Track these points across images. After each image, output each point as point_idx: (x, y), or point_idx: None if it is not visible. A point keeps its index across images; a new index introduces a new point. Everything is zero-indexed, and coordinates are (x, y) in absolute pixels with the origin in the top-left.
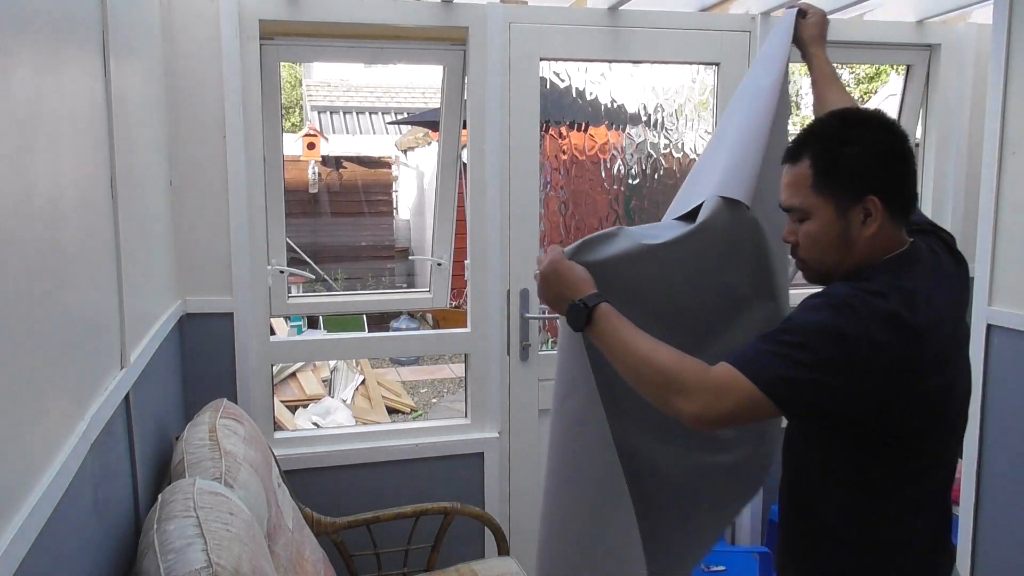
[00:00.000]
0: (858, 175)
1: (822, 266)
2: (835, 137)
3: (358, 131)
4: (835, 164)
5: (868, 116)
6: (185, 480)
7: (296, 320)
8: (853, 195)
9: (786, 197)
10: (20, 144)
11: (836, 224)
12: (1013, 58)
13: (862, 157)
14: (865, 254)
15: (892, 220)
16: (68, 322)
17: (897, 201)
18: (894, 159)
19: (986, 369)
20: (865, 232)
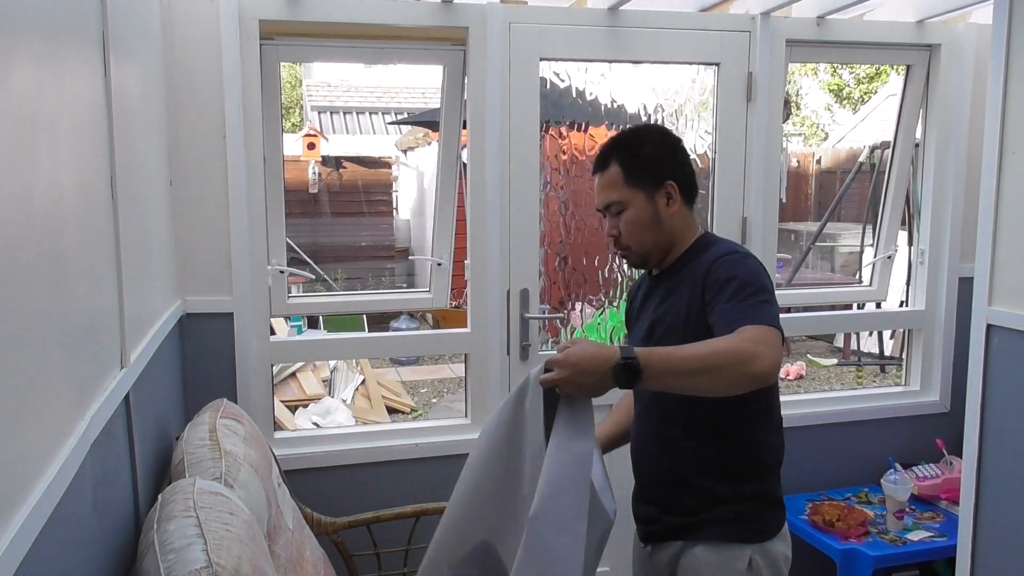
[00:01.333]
0: (657, 165)
1: (643, 247)
2: (633, 141)
3: (358, 131)
4: (638, 160)
5: (653, 126)
6: (185, 480)
7: (296, 320)
8: (655, 182)
9: (604, 197)
10: (20, 144)
11: (648, 207)
12: (1013, 58)
13: (657, 152)
14: (673, 234)
15: (686, 204)
16: (68, 322)
17: (688, 186)
18: (679, 153)
19: (986, 369)
20: (670, 211)
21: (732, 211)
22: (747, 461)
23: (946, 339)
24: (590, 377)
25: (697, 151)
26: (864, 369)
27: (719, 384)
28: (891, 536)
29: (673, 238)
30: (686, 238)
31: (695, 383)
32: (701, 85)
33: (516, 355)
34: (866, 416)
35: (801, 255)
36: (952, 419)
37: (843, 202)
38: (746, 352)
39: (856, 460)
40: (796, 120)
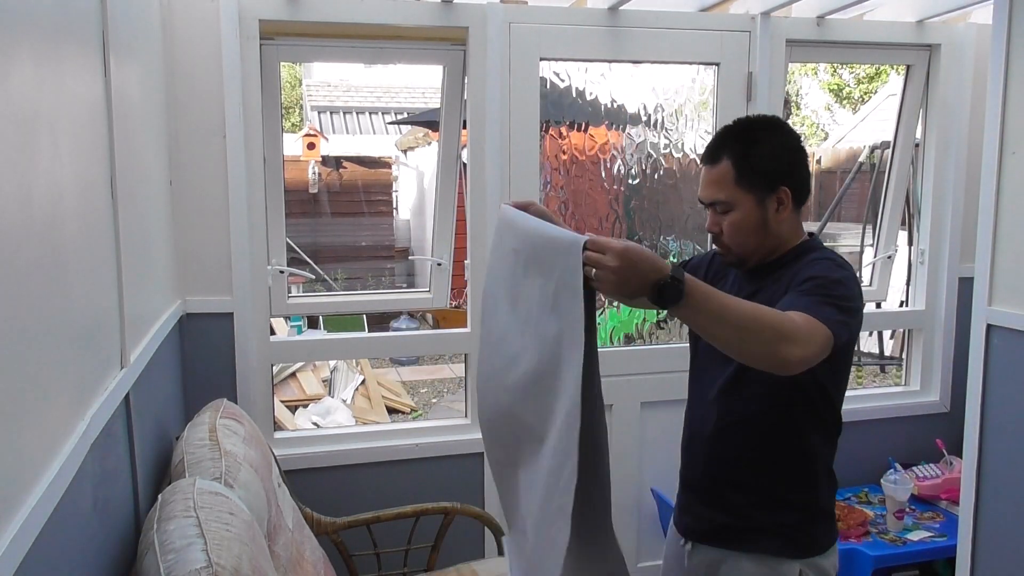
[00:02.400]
0: (772, 169)
1: (744, 250)
2: (748, 139)
3: (358, 131)
4: (752, 161)
5: (771, 120)
6: (185, 480)
7: (296, 320)
8: (768, 187)
9: (710, 193)
10: (20, 144)
11: (756, 212)
12: (1013, 58)
13: (774, 152)
14: (778, 238)
15: (796, 209)
16: (68, 322)
17: (801, 191)
18: (797, 154)
19: (986, 369)
20: (779, 217)
21: None
22: (801, 467)
23: (946, 339)
24: (634, 277)
25: (697, 151)
26: (864, 369)
27: (744, 348)
28: (891, 536)
29: (778, 243)
30: (790, 242)
31: (725, 335)
32: (701, 85)
33: None
34: (866, 416)
35: None
36: (952, 419)
37: (843, 202)
38: (786, 332)
39: (856, 460)
40: (796, 120)
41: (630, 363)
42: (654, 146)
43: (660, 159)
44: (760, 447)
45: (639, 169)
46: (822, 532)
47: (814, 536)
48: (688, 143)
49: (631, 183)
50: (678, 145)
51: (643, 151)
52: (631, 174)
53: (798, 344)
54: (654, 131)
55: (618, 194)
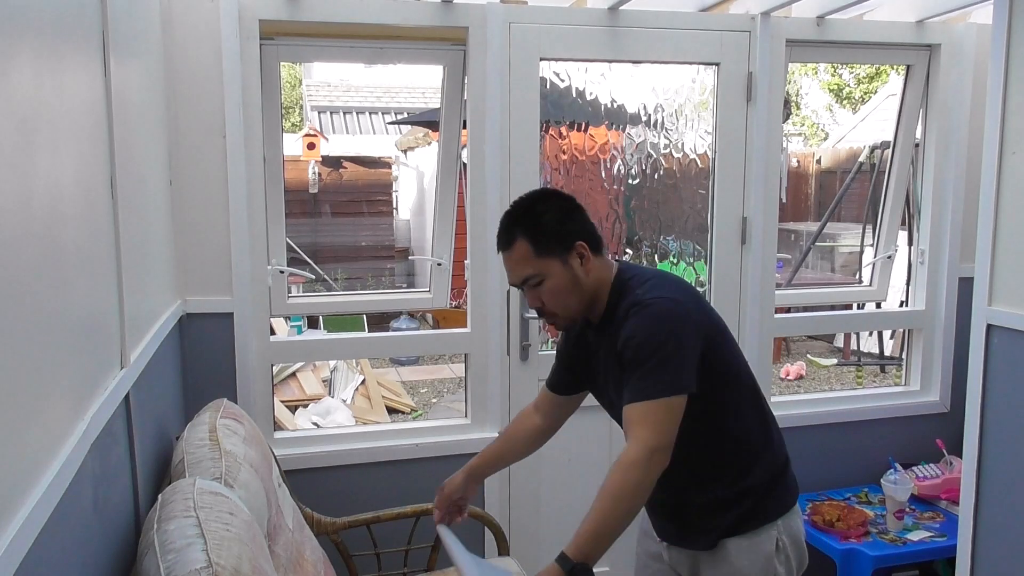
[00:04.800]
0: (562, 231)
1: (568, 311)
2: (531, 215)
3: (358, 131)
4: (543, 231)
5: (543, 192)
6: (185, 480)
7: (296, 320)
8: (565, 247)
9: (518, 273)
10: (20, 144)
11: (565, 273)
12: (1013, 58)
13: (557, 219)
14: (595, 288)
15: (596, 254)
16: (68, 322)
17: (593, 240)
18: (575, 212)
19: (986, 369)
20: (586, 269)
21: (732, 211)
22: (737, 456)
23: (946, 339)
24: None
25: (697, 151)
26: (864, 369)
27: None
28: (891, 536)
29: (595, 292)
30: (606, 287)
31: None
32: (701, 85)
33: (516, 355)
34: (866, 416)
35: (801, 255)
36: (952, 419)
37: (843, 202)
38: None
39: (856, 460)
40: (796, 120)
41: None
42: (654, 146)
43: (660, 159)
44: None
45: (639, 169)
46: (781, 491)
47: (781, 493)
48: (688, 143)
49: (631, 183)
50: (678, 145)
51: (643, 151)
52: (631, 174)
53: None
54: (654, 131)
55: (618, 194)
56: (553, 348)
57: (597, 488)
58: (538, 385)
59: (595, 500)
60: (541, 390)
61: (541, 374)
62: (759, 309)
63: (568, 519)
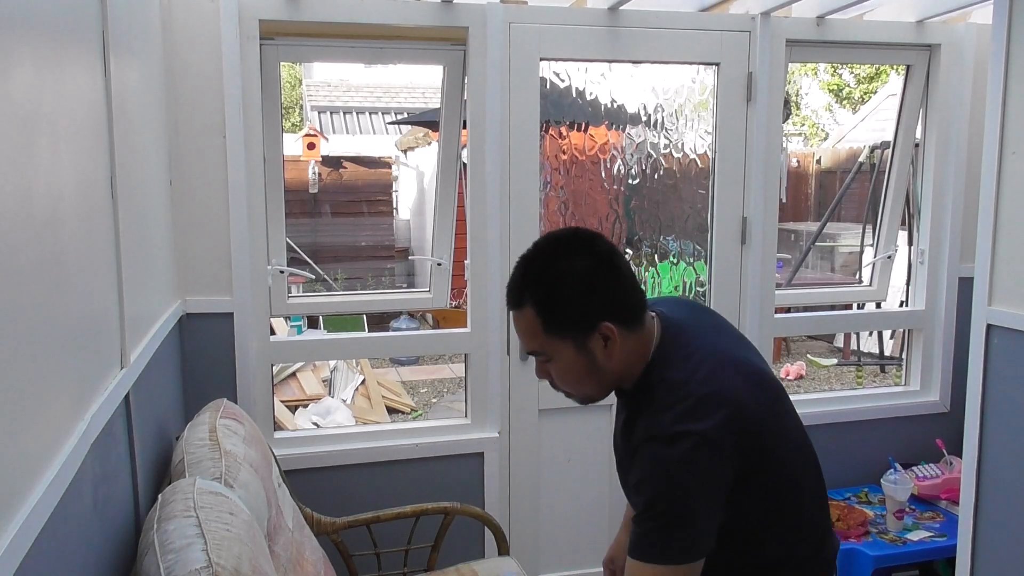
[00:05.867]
0: (583, 310)
1: (583, 393)
2: (546, 279)
3: (358, 131)
4: (558, 306)
5: (571, 244)
6: (185, 480)
7: (296, 320)
8: (586, 328)
9: (526, 342)
10: (20, 144)
11: (580, 358)
12: (1013, 58)
13: (580, 291)
14: (621, 368)
15: (630, 330)
16: (68, 322)
17: (627, 314)
18: (607, 280)
19: (986, 369)
20: (610, 354)
21: (732, 211)
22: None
23: (946, 339)
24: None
25: (697, 151)
26: (864, 369)
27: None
28: (891, 536)
29: (623, 372)
30: (642, 359)
31: None
32: (701, 85)
33: (516, 355)
34: (866, 416)
35: (801, 255)
36: (952, 419)
37: (843, 202)
38: None
39: (856, 460)
40: (796, 120)
41: None
42: (654, 146)
43: (660, 159)
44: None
45: (639, 169)
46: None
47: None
48: (688, 143)
49: (631, 183)
50: (678, 145)
51: (643, 151)
52: (631, 174)
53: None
54: (654, 131)
55: (618, 194)
56: None
57: (597, 488)
58: (538, 385)
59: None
60: None
61: None
62: (759, 309)
63: (568, 519)
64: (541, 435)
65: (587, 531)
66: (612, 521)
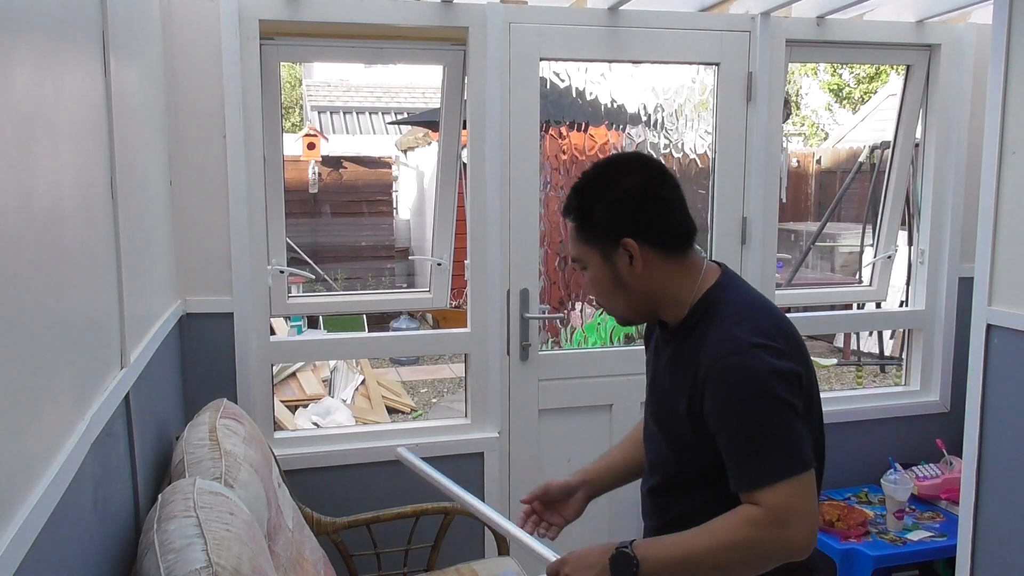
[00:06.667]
0: (611, 223)
1: (614, 310)
2: (590, 192)
3: (358, 131)
4: (590, 216)
5: (625, 164)
6: (185, 480)
7: (296, 320)
8: (610, 241)
9: (570, 248)
10: (20, 144)
11: (605, 268)
12: (1013, 58)
13: (613, 206)
14: (653, 294)
15: (663, 254)
16: (68, 322)
17: (656, 237)
18: (644, 201)
19: (986, 369)
20: (635, 271)
21: (732, 211)
22: None
23: (946, 339)
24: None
25: (697, 151)
26: (864, 369)
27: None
28: (891, 536)
29: (656, 297)
30: (680, 295)
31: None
32: (701, 85)
33: (516, 355)
34: (866, 416)
35: (801, 255)
36: (952, 419)
37: (843, 202)
38: (767, 541)
39: (856, 460)
40: (796, 120)
41: (630, 363)
42: (654, 146)
43: (660, 159)
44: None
45: None
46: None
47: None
48: (688, 143)
49: None
50: (678, 145)
51: (643, 151)
52: None
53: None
54: (654, 131)
55: None
56: (554, 348)
57: None
58: (538, 385)
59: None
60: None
61: (541, 374)
62: None
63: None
64: (541, 435)
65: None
66: (612, 521)
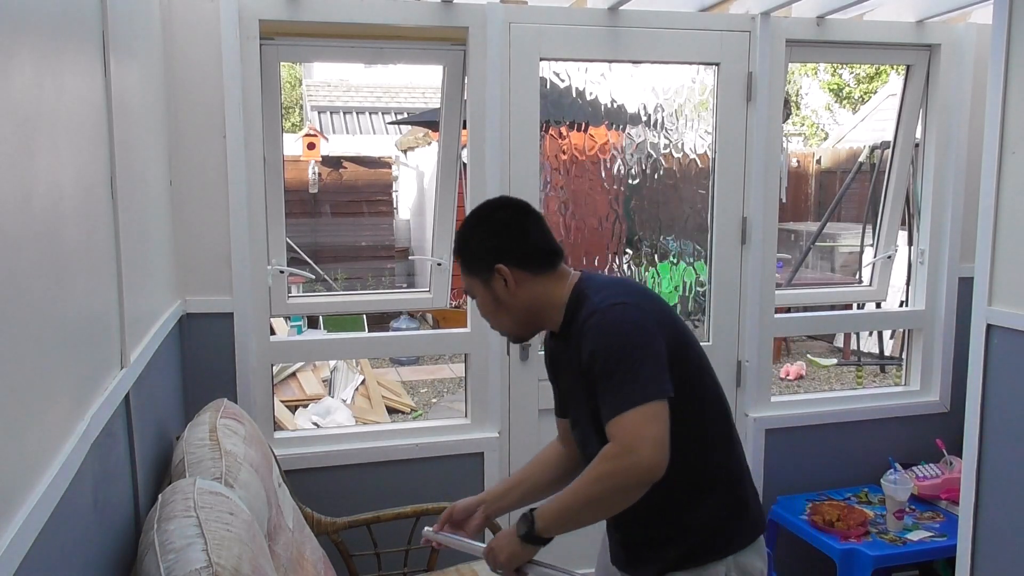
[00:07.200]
0: (482, 254)
1: (503, 329)
2: (467, 232)
3: (358, 131)
4: (466, 251)
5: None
6: (185, 480)
7: (296, 320)
8: (486, 269)
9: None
10: (20, 144)
11: (487, 294)
12: (1013, 58)
13: (482, 240)
14: (532, 308)
15: (532, 273)
16: (68, 322)
17: (523, 260)
18: (510, 232)
19: (986, 369)
20: (511, 292)
21: (732, 211)
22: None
23: (946, 339)
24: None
25: (697, 151)
26: (864, 369)
27: (614, 507)
28: (891, 536)
29: (534, 311)
30: (554, 302)
31: (593, 517)
32: (701, 85)
33: (516, 355)
34: (866, 416)
35: (801, 255)
36: (952, 419)
37: (843, 202)
38: (619, 470)
39: (856, 460)
40: (796, 120)
41: None
42: (654, 146)
43: (660, 159)
44: None
45: (639, 169)
46: (740, 526)
47: (732, 530)
48: (688, 143)
49: (631, 183)
50: (678, 145)
51: (643, 151)
52: (631, 174)
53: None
54: (654, 131)
55: (618, 194)
56: None
57: None
58: (538, 385)
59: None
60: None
61: (541, 374)
62: (759, 309)
63: None
64: (541, 435)
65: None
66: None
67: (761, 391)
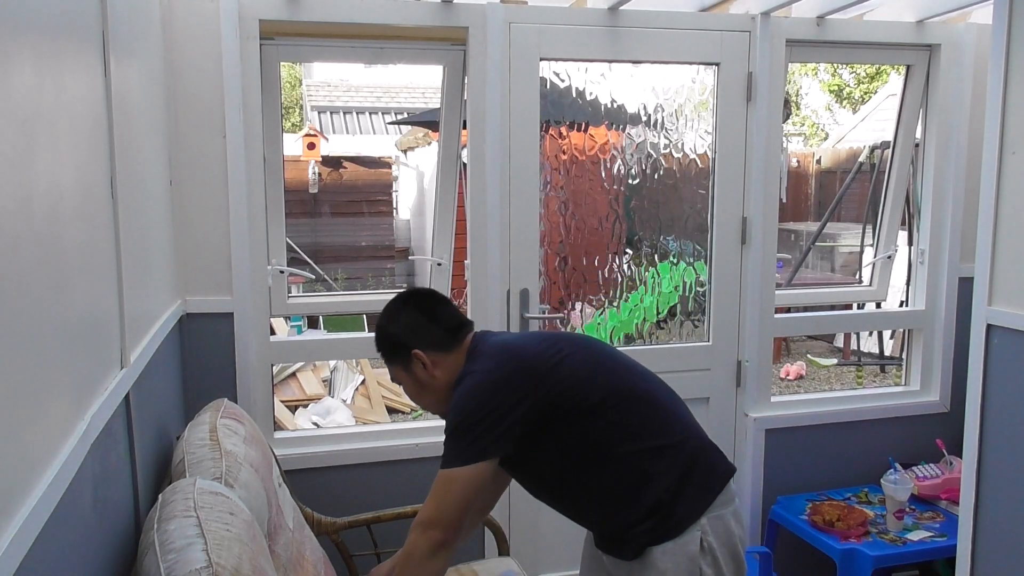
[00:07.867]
0: (399, 343)
1: (432, 407)
2: (380, 325)
3: (358, 131)
4: (386, 343)
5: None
6: (185, 480)
7: (296, 320)
8: (405, 356)
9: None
10: (20, 144)
11: (409, 377)
12: (1013, 58)
13: (396, 331)
14: (448, 382)
15: (443, 351)
16: (68, 322)
17: (434, 341)
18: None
19: (986, 369)
20: (430, 373)
21: (732, 211)
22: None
23: (946, 339)
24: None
25: (697, 151)
26: (864, 369)
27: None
28: (891, 536)
29: (450, 386)
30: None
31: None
32: (701, 85)
33: None
34: (866, 416)
35: (801, 255)
36: (952, 419)
37: (843, 202)
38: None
39: (856, 460)
40: (796, 120)
41: None
42: (654, 146)
43: (660, 159)
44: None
45: (639, 169)
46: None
47: (688, 499)
48: (688, 143)
49: (631, 183)
50: (678, 145)
51: (643, 151)
52: (631, 174)
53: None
54: (654, 131)
55: (618, 194)
56: None
57: None
58: None
59: None
60: None
61: None
62: (759, 309)
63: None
64: None
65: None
66: None
67: (761, 391)
